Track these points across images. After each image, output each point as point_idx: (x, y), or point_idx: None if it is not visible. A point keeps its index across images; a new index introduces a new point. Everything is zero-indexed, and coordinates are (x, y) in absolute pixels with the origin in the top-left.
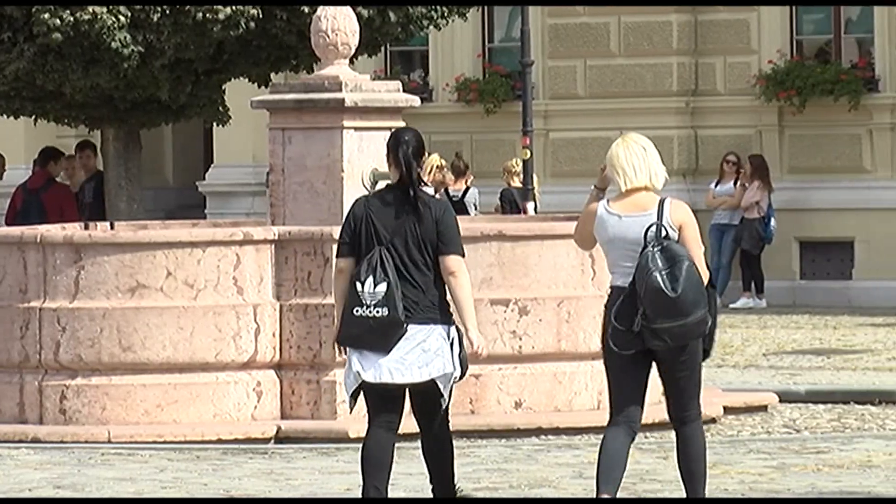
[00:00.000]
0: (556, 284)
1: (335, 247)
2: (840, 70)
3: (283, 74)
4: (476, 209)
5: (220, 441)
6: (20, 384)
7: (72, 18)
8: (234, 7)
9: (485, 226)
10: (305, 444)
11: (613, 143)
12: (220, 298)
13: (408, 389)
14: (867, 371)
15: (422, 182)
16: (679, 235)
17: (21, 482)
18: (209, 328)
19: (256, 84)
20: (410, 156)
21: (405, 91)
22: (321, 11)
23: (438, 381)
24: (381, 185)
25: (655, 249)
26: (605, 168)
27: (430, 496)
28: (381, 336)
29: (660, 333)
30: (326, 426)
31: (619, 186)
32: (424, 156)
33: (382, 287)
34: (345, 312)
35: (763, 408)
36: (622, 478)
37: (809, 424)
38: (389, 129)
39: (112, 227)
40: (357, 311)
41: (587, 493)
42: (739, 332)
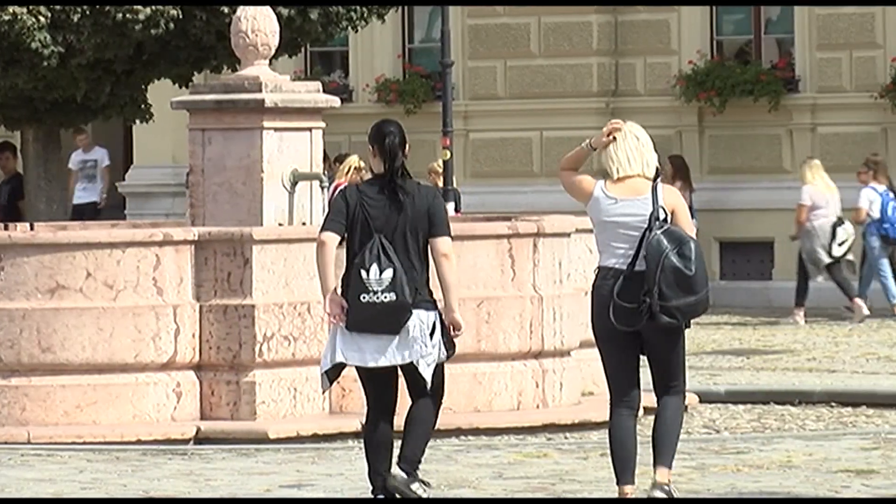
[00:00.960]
0: (476, 285)
1: (253, 247)
2: (760, 70)
3: (204, 75)
4: None
5: (140, 442)
6: None
7: None
8: (154, 7)
9: None
10: (225, 445)
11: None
12: (140, 299)
13: (400, 369)
14: (787, 371)
15: (406, 172)
16: (672, 218)
17: None
18: (129, 329)
19: (177, 85)
20: (396, 146)
21: (325, 92)
22: (241, 12)
23: (418, 364)
24: (304, 185)
25: (660, 232)
26: (609, 136)
27: (427, 496)
28: (390, 320)
29: (672, 311)
30: (246, 427)
31: (612, 174)
32: (407, 146)
33: (389, 273)
34: (350, 299)
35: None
36: (636, 460)
37: (729, 425)
38: (309, 130)
39: (32, 228)
40: (364, 298)
41: (506, 494)
42: None
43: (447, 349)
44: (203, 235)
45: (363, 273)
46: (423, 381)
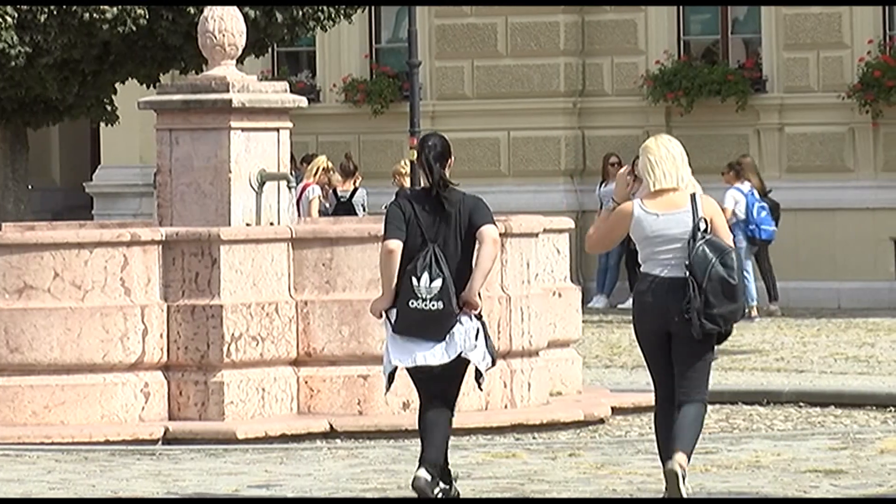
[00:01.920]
0: None
1: (221, 247)
2: (727, 70)
3: (171, 75)
4: (364, 210)
5: (108, 442)
6: None
7: None
8: (121, 7)
9: (373, 226)
10: (193, 445)
11: (646, 144)
12: (108, 299)
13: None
14: (755, 371)
15: (448, 182)
16: (710, 227)
17: None
18: (96, 329)
19: (145, 85)
20: (432, 159)
21: (292, 92)
22: (208, 12)
23: (469, 356)
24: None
25: (703, 243)
26: (629, 182)
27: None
28: (436, 327)
29: (717, 318)
30: (214, 427)
31: (649, 186)
32: (450, 159)
33: (438, 283)
34: (399, 304)
35: (651, 408)
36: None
37: None
38: (277, 130)
39: None
40: (412, 304)
41: (475, 494)
42: (628, 333)
43: (492, 357)
44: (171, 236)
45: (414, 280)
46: (458, 384)
